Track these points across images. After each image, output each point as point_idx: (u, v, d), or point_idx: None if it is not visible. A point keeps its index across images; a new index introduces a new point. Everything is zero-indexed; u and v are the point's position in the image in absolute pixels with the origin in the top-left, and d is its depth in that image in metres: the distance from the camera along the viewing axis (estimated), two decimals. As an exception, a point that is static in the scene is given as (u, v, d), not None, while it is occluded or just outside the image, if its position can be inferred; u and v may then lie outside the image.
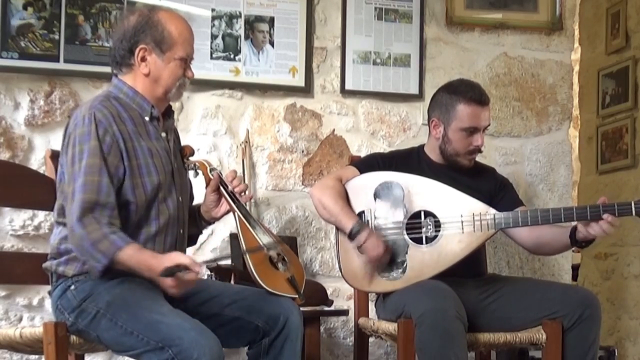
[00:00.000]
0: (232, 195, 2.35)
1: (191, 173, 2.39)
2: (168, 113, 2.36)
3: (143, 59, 2.23)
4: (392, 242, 2.58)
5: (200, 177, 2.38)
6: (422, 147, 2.84)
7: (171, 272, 2.02)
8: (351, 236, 2.55)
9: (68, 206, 2.10)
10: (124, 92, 2.25)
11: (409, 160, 2.78)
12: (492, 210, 2.58)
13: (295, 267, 2.36)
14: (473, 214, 2.57)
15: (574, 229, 2.54)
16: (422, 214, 2.60)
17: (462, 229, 2.57)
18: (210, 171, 2.37)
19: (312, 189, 2.76)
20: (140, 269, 2.07)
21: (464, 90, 2.69)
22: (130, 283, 2.10)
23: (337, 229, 2.64)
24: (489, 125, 2.74)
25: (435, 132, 2.74)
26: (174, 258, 2.06)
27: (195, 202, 2.50)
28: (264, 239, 2.32)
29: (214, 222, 2.47)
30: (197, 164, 2.38)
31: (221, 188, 2.35)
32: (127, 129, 2.19)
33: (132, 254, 2.06)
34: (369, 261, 2.55)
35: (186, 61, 2.27)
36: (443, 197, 2.60)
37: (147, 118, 2.25)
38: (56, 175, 2.25)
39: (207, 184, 2.37)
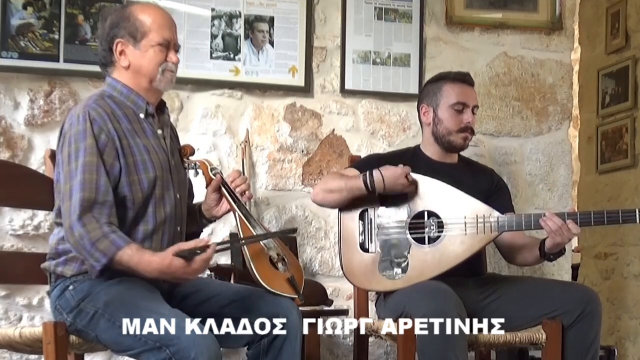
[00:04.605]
0: (233, 195, 2.35)
1: (191, 172, 2.39)
2: (162, 109, 2.35)
3: (122, 53, 2.24)
4: (395, 241, 2.58)
5: (201, 176, 2.38)
6: (418, 146, 2.86)
7: (187, 254, 2.03)
8: (369, 187, 2.55)
9: (65, 205, 2.10)
10: (119, 90, 2.25)
11: (405, 161, 2.77)
12: (496, 213, 2.57)
13: (295, 268, 2.36)
14: (477, 216, 2.56)
15: (544, 241, 2.56)
16: (426, 214, 2.59)
17: (465, 230, 2.56)
18: (212, 171, 2.36)
19: (313, 191, 2.75)
20: (141, 269, 2.07)
21: (448, 74, 2.83)
22: (128, 283, 2.10)
23: (340, 226, 2.64)
24: (478, 107, 2.79)
25: (426, 118, 2.79)
26: (182, 246, 2.08)
27: (195, 201, 2.50)
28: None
29: (215, 221, 2.48)
30: (197, 163, 2.38)
31: (222, 188, 2.35)
32: (122, 127, 2.19)
33: (133, 254, 2.06)
34: (402, 190, 2.55)
35: (168, 47, 2.26)
36: (447, 198, 2.60)
37: (142, 115, 2.26)
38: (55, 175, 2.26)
39: (208, 184, 2.37)
